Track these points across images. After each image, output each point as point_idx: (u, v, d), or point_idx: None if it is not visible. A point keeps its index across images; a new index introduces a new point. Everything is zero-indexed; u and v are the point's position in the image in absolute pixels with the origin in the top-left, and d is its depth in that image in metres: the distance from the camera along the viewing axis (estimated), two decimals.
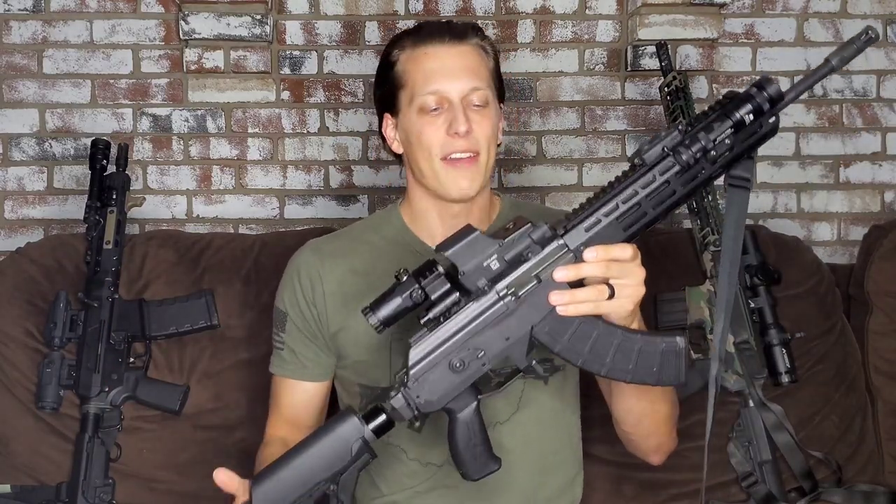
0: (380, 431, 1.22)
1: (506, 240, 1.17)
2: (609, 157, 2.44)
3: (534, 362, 1.21)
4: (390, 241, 1.54)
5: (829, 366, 1.93)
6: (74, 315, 1.82)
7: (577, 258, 1.17)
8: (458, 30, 1.48)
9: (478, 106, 1.45)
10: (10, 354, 1.84)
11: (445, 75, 1.44)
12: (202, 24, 2.32)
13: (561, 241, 1.16)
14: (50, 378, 1.79)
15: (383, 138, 1.56)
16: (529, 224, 1.18)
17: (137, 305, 1.84)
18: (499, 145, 1.53)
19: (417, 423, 1.22)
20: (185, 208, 2.38)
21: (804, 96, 2.45)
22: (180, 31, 2.32)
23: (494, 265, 1.17)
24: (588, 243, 1.16)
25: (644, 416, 1.42)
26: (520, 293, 1.17)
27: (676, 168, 1.14)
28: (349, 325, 1.50)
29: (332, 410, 1.59)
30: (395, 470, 1.50)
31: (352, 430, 1.21)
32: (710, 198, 1.90)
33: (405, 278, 1.18)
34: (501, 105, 1.54)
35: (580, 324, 1.18)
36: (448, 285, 1.18)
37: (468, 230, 1.18)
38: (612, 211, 1.16)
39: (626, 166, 2.59)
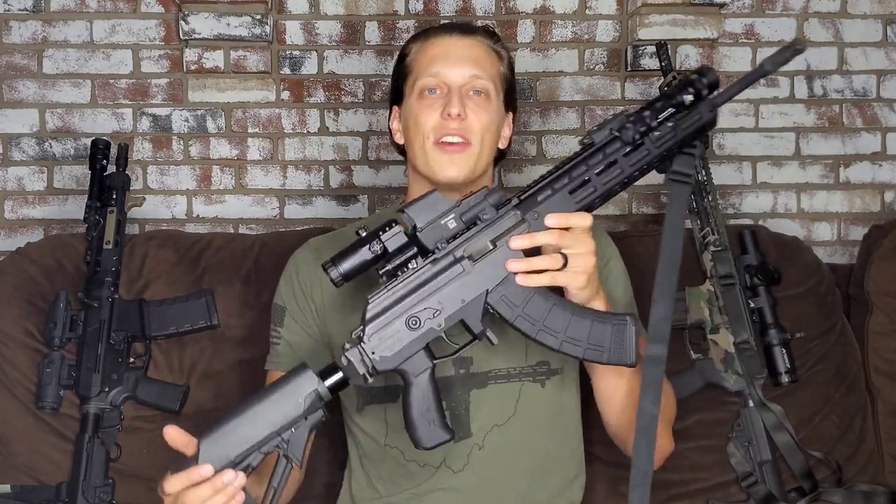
0: (335, 388, 1.23)
1: (463, 201, 1.24)
2: None
3: (487, 330, 1.24)
4: None
5: (829, 366, 1.93)
6: (74, 315, 1.82)
7: (531, 228, 1.23)
8: (469, 26, 1.52)
9: (477, 93, 1.47)
10: (10, 354, 1.84)
11: (448, 60, 1.47)
12: (202, 24, 2.32)
13: (516, 210, 1.23)
14: (50, 378, 1.79)
15: (390, 133, 1.59)
16: (485, 188, 1.25)
17: (137, 305, 1.84)
18: (504, 149, 1.54)
19: (371, 380, 1.23)
20: (185, 208, 2.38)
21: (804, 95, 2.46)
22: (180, 31, 2.32)
23: (451, 224, 1.23)
24: (541, 211, 1.23)
25: (627, 401, 1.41)
26: (476, 257, 1.23)
27: (625, 148, 1.23)
28: (345, 324, 1.49)
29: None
30: (393, 471, 1.49)
31: (305, 382, 1.21)
32: (709, 198, 1.90)
33: (365, 234, 1.23)
34: (511, 114, 1.57)
35: (535, 294, 1.23)
36: (405, 239, 1.23)
37: (430, 192, 1.24)
38: (564, 184, 1.24)
39: None
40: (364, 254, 1.22)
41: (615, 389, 1.41)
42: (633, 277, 1.61)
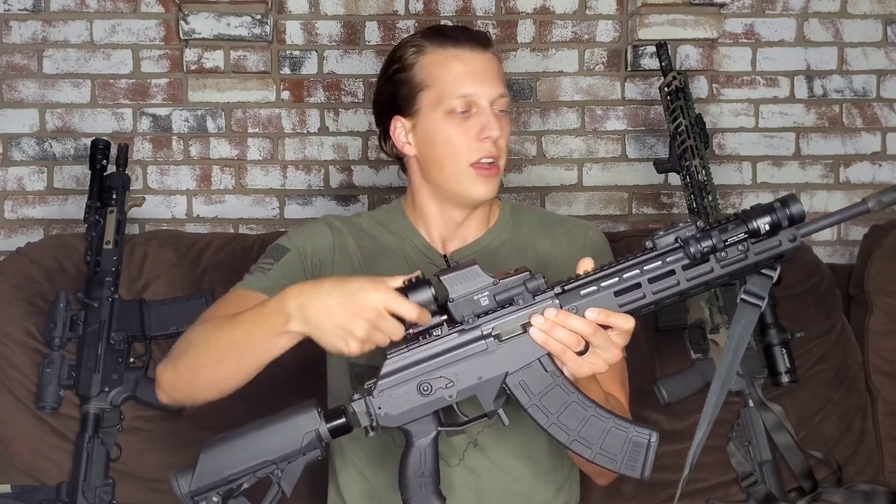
0: (336, 432, 1.23)
1: (501, 281, 1.19)
2: (609, 157, 2.44)
3: (500, 410, 1.21)
4: (394, 236, 1.54)
5: (829, 366, 1.94)
6: (74, 315, 1.82)
7: None
8: (482, 37, 1.49)
9: (502, 112, 1.46)
10: (10, 354, 1.84)
11: (477, 80, 1.44)
12: (202, 24, 2.32)
13: (556, 300, 1.18)
14: (50, 378, 1.79)
15: (382, 140, 1.54)
16: (528, 272, 1.19)
17: (137, 305, 1.84)
18: None
19: (372, 433, 1.22)
20: (185, 208, 2.38)
21: (804, 95, 2.46)
22: (180, 31, 2.32)
23: (484, 301, 1.19)
24: (580, 307, 1.17)
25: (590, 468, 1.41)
26: (503, 337, 1.19)
27: (685, 260, 1.15)
28: None
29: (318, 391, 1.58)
30: (384, 456, 1.50)
31: (308, 421, 1.22)
32: (710, 197, 1.90)
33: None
34: None
35: (555, 386, 1.20)
36: (434, 307, 1.19)
37: (469, 262, 1.20)
38: (612, 284, 1.17)
39: (626, 166, 2.61)
40: None
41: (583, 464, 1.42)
42: None
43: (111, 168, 1.98)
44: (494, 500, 1.47)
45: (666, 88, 1.98)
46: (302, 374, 1.85)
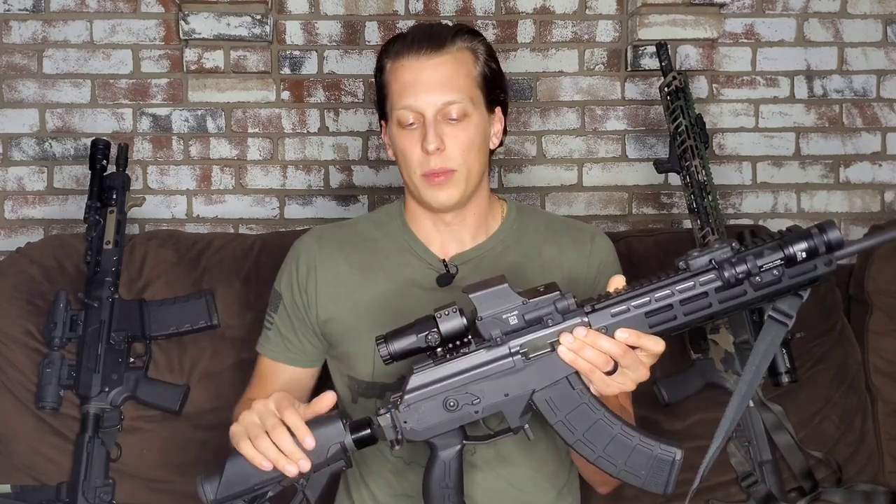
0: (360, 443, 1.23)
1: (531, 300, 1.18)
2: (609, 157, 2.44)
3: (526, 426, 1.21)
4: (393, 243, 1.54)
5: (829, 366, 1.93)
6: (74, 315, 1.82)
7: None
8: (440, 37, 1.44)
9: (454, 120, 1.42)
10: (10, 354, 1.84)
11: (419, 90, 1.41)
12: (202, 24, 2.32)
13: (585, 319, 1.17)
14: (50, 378, 1.79)
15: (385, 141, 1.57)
16: (558, 293, 1.18)
17: (137, 305, 1.84)
18: (495, 149, 1.53)
19: (398, 447, 1.23)
20: (185, 208, 2.38)
21: (804, 95, 2.46)
22: (180, 31, 2.32)
23: (513, 320, 1.18)
24: (610, 328, 1.16)
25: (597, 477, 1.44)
26: (531, 355, 1.18)
27: (718, 282, 1.14)
28: (338, 317, 1.50)
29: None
30: (381, 466, 1.50)
31: (334, 433, 1.22)
32: (710, 198, 1.90)
33: (425, 319, 1.19)
34: (499, 109, 1.51)
35: (582, 404, 1.20)
36: (463, 327, 1.18)
37: (499, 280, 1.19)
38: (643, 304, 1.16)
39: (626, 166, 2.61)
40: (419, 341, 1.19)
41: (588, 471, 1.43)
42: (633, 278, 1.60)
43: (111, 168, 1.98)
44: (497, 500, 1.47)
45: (666, 88, 1.98)
46: None
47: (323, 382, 1.60)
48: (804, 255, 1.12)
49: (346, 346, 1.50)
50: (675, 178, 2.35)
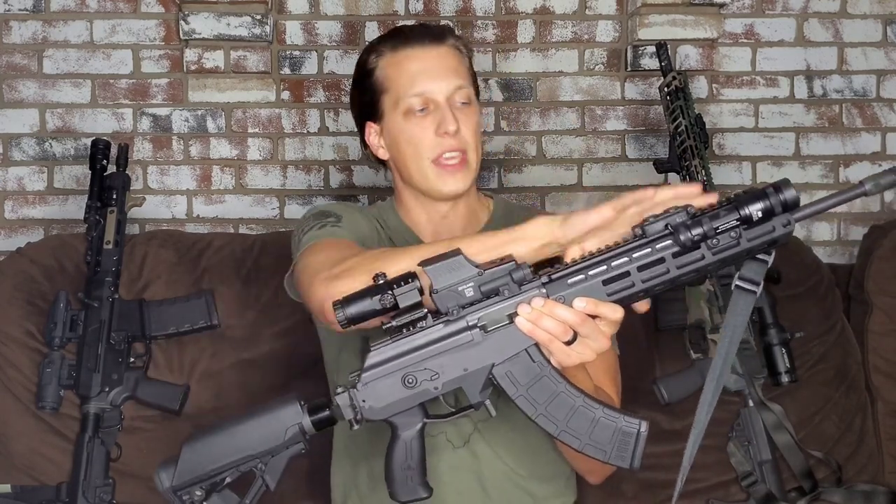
0: (319, 424, 1.21)
1: (486, 271, 1.16)
2: (609, 157, 2.44)
3: (486, 401, 1.19)
4: (390, 234, 1.56)
5: (829, 366, 1.94)
6: (74, 315, 1.82)
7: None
8: (436, 31, 1.50)
9: (463, 104, 1.47)
10: (10, 354, 1.84)
11: (430, 76, 1.46)
12: (202, 24, 2.32)
13: (542, 290, 1.15)
14: (50, 378, 1.79)
15: (365, 146, 1.58)
16: (513, 262, 1.16)
17: (137, 305, 1.84)
18: (483, 142, 1.55)
19: (357, 426, 1.20)
20: (185, 208, 2.38)
21: (804, 95, 2.46)
22: (180, 31, 2.32)
23: (469, 292, 1.16)
24: (567, 297, 1.14)
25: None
26: (489, 328, 1.16)
27: (675, 248, 1.12)
28: None
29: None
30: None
31: (291, 414, 1.20)
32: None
33: (381, 282, 1.17)
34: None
35: (543, 377, 1.17)
36: (418, 298, 1.16)
37: (454, 252, 1.16)
38: (600, 273, 1.14)
39: (625, 166, 2.61)
40: (374, 303, 1.16)
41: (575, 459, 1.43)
42: None
43: (111, 168, 1.98)
44: (494, 491, 1.48)
45: (666, 88, 1.99)
46: (302, 375, 1.86)
47: (321, 378, 1.60)
48: (760, 215, 1.10)
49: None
50: (675, 178, 2.34)
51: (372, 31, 2.39)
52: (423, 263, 1.16)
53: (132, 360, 1.83)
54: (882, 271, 2.00)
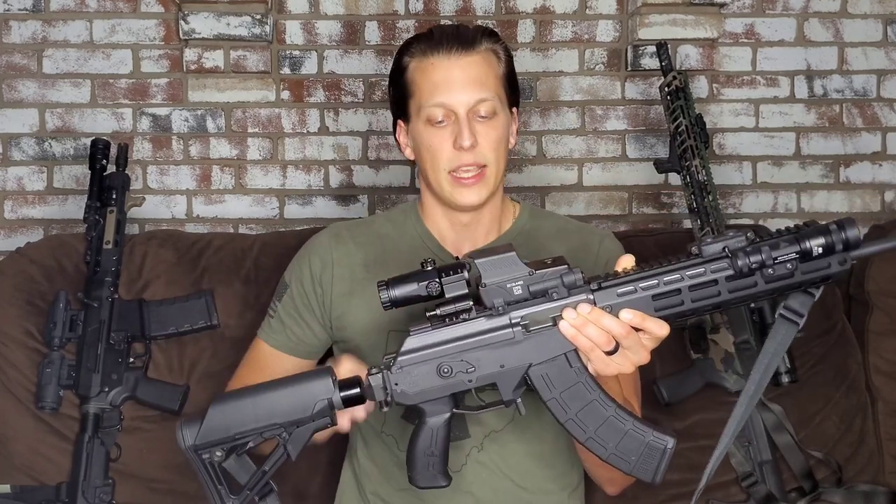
0: (348, 401, 1.20)
1: (537, 272, 1.16)
2: (609, 156, 2.44)
3: (518, 400, 1.20)
4: (407, 240, 1.55)
5: (829, 366, 1.93)
6: (74, 315, 1.82)
7: None
8: (468, 38, 1.46)
9: (483, 117, 1.44)
10: (10, 354, 1.83)
11: (451, 88, 1.43)
12: (202, 23, 2.32)
13: (591, 296, 1.15)
14: (50, 378, 1.78)
15: (397, 143, 1.57)
16: (566, 266, 1.16)
17: (137, 305, 1.84)
18: (511, 148, 1.53)
19: (386, 409, 1.21)
20: (185, 208, 2.38)
21: (804, 95, 2.46)
22: (180, 31, 2.32)
23: (517, 290, 1.16)
24: (615, 307, 1.14)
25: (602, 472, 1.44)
26: (531, 328, 1.16)
27: (729, 271, 1.11)
28: (351, 311, 1.52)
29: None
30: (387, 460, 1.51)
31: (322, 388, 1.20)
32: (710, 197, 1.90)
33: (429, 268, 1.17)
34: (515, 109, 1.53)
35: (578, 383, 1.18)
36: (465, 290, 1.16)
37: (506, 248, 1.17)
38: (651, 287, 1.14)
39: (626, 166, 2.61)
40: (420, 289, 1.17)
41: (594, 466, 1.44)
42: None
43: (111, 168, 1.97)
44: (504, 495, 1.47)
45: (666, 88, 1.98)
46: None
47: None
48: (820, 250, 1.09)
49: (357, 339, 1.52)
50: (675, 178, 2.35)
51: (372, 31, 2.39)
52: (474, 255, 1.17)
53: (132, 360, 1.83)
54: (882, 271, 1.99)
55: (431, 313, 1.18)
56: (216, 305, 1.86)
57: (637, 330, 1.14)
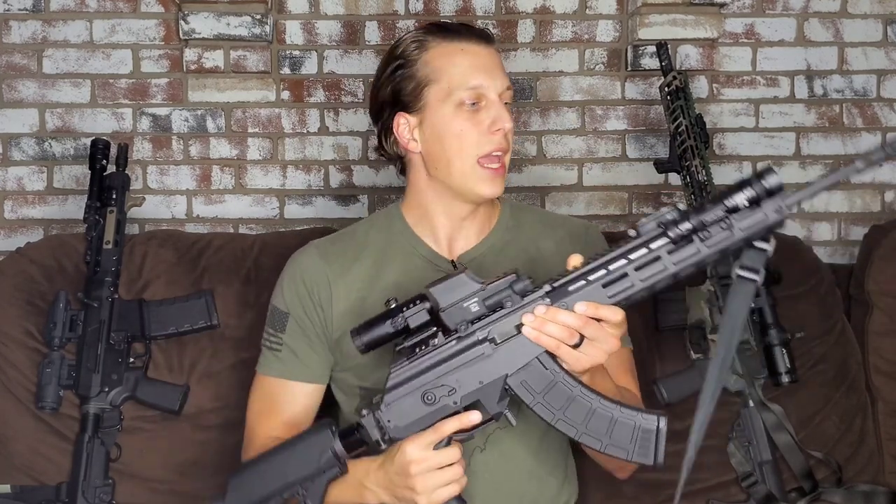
0: (350, 448, 1.27)
1: (488, 286, 1.21)
2: (609, 157, 2.44)
3: (506, 410, 1.23)
4: (395, 244, 1.52)
5: (829, 366, 1.93)
6: (74, 315, 1.82)
7: None
8: (484, 32, 1.49)
9: (507, 105, 1.46)
10: (10, 354, 1.84)
11: (485, 71, 1.44)
12: (202, 23, 2.32)
13: (546, 299, 1.20)
14: (50, 378, 1.79)
15: (384, 138, 1.51)
16: (514, 275, 1.21)
17: (137, 305, 1.84)
18: None
19: (385, 446, 1.26)
20: (185, 208, 2.38)
21: (804, 95, 2.46)
22: (180, 31, 2.32)
23: (474, 308, 1.21)
24: (570, 303, 1.18)
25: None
26: (499, 340, 1.21)
27: (669, 245, 1.15)
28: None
29: (331, 412, 1.58)
30: None
31: (323, 441, 1.27)
32: (710, 197, 1.90)
33: (393, 306, 1.24)
34: None
35: (557, 382, 1.21)
36: (427, 318, 1.22)
37: (458, 272, 1.22)
38: (599, 277, 1.18)
39: (626, 166, 2.61)
40: (387, 327, 1.24)
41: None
42: None
43: (111, 168, 1.98)
44: (504, 495, 1.48)
45: (666, 88, 1.98)
46: None
47: (330, 395, 1.60)
48: (746, 203, 1.13)
49: (361, 357, 1.45)
50: (675, 178, 2.35)
51: (372, 31, 2.39)
52: (429, 285, 1.22)
53: (132, 360, 1.83)
54: (882, 271, 2.00)
55: (400, 347, 1.24)
56: (216, 305, 1.86)
57: (598, 320, 1.18)
